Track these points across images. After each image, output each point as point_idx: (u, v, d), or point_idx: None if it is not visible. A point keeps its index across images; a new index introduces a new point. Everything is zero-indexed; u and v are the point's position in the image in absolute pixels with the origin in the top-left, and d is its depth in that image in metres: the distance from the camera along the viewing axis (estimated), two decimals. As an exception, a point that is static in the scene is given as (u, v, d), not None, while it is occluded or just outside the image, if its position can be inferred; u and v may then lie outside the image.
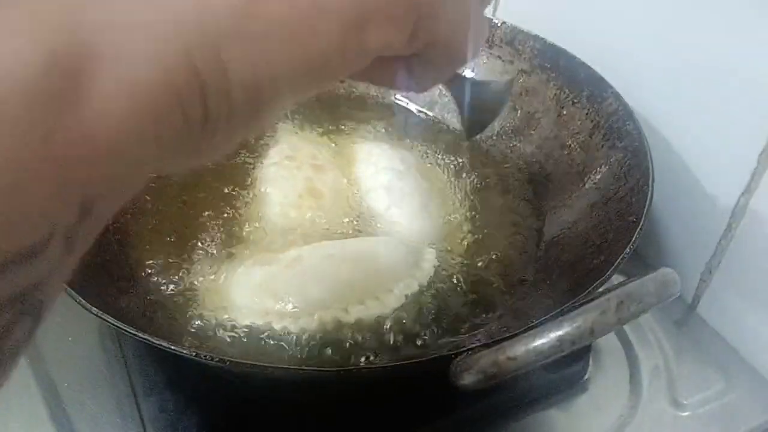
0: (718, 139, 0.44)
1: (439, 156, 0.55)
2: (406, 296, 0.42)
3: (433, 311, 0.42)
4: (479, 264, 0.46)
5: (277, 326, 0.40)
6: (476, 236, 0.48)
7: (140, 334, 0.32)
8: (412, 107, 0.60)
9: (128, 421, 0.39)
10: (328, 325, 0.40)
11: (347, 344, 0.40)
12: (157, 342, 0.32)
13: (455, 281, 0.45)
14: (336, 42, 0.20)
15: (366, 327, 0.40)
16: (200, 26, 0.18)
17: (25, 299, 0.17)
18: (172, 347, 0.32)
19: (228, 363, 0.32)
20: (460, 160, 0.55)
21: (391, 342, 0.40)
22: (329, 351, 0.39)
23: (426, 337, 0.41)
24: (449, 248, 0.47)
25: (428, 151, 0.55)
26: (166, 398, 0.39)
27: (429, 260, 0.45)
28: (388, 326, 0.41)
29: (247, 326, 0.40)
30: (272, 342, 0.40)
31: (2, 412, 0.40)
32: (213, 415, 0.39)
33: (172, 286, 0.43)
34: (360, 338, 0.40)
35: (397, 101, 0.61)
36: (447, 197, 0.51)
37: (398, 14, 0.21)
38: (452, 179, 0.53)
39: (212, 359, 0.32)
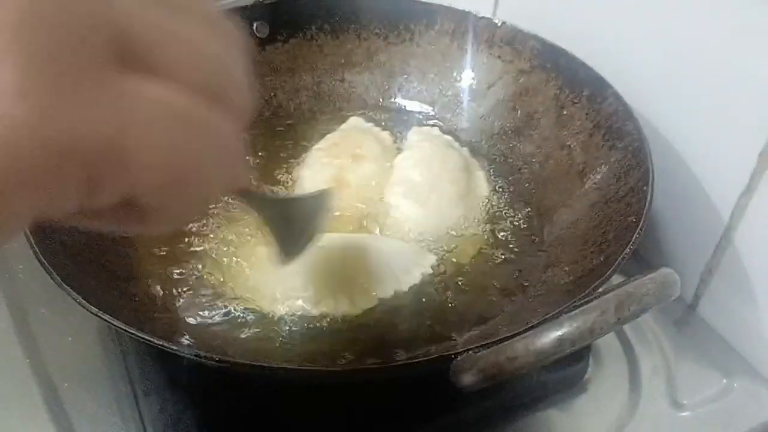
0: (718, 139, 0.44)
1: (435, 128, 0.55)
2: (379, 299, 0.43)
3: (425, 309, 0.43)
4: (478, 264, 0.46)
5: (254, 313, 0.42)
6: (475, 236, 0.48)
7: (140, 334, 0.32)
8: (412, 107, 0.60)
9: (128, 420, 0.39)
10: (296, 315, 0.42)
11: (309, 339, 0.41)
12: (157, 342, 0.32)
13: (453, 280, 0.45)
14: None
15: (333, 323, 0.42)
16: None
17: None
18: (172, 347, 0.32)
19: (228, 363, 0.32)
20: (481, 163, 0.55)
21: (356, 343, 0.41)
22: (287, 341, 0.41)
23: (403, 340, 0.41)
24: (448, 247, 0.47)
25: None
26: (166, 398, 0.39)
27: (423, 266, 0.45)
28: (355, 324, 0.42)
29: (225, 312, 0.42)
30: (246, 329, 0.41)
31: (2, 412, 0.40)
32: (213, 414, 0.39)
33: (172, 286, 0.43)
34: (324, 335, 0.41)
35: (395, 102, 0.61)
36: (458, 199, 0.50)
37: (49, 175, 0.15)
38: (467, 181, 0.53)
39: (212, 359, 0.32)
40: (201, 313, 0.42)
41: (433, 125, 0.58)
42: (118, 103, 0.15)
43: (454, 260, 0.46)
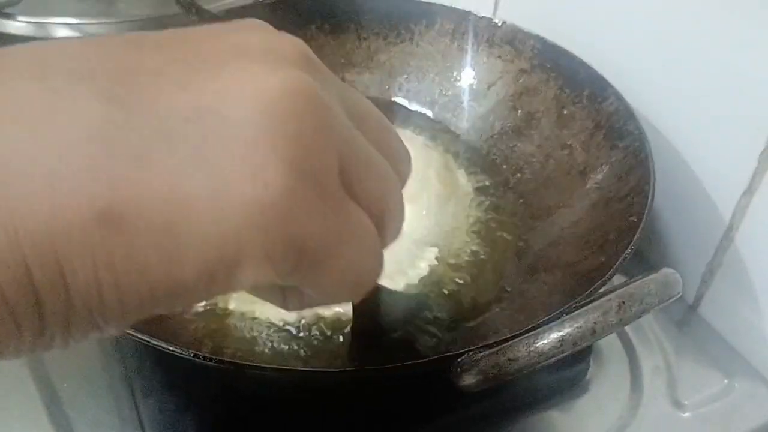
0: (720, 139, 0.44)
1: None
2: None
3: (423, 311, 0.42)
4: (479, 264, 0.46)
5: (261, 315, 0.41)
6: (476, 236, 0.48)
7: (139, 335, 0.32)
8: (412, 107, 0.60)
9: (127, 422, 0.39)
10: (308, 318, 0.41)
11: (319, 342, 0.41)
12: (156, 343, 0.32)
13: (452, 281, 0.45)
14: (202, 275, 0.18)
15: (344, 324, 0.41)
16: (44, 229, 0.15)
17: None
18: (171, 348, 0.32)
19: (227, 364, 0.32)
20: (460, 161, 0.55)
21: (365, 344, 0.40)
22: (303, 346, 0.40)
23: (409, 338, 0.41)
24: (447, 248, 0.47)
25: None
26: (165, 399, 0.39)
27: (427, 259, 0.45)
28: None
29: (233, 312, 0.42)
30: (257, 333, 0.41)
31: (1, 413, 0.40)
32: (212, 415, 0.39)
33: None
34: (333, 336, 0.41)
35: (395, 101, 0.60)
36: (447, 197, 0.50)
37: (278, 257, 0.18)
38: (451, 179, 0.53)
39: (211, 360, 0.32)
40: (200, 317, 0.42)
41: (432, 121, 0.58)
42: (340, 220, 0.20)
43: (449, 258, 0.46)
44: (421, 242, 0.47)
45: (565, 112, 0.52)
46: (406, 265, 0.45)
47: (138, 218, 0.16)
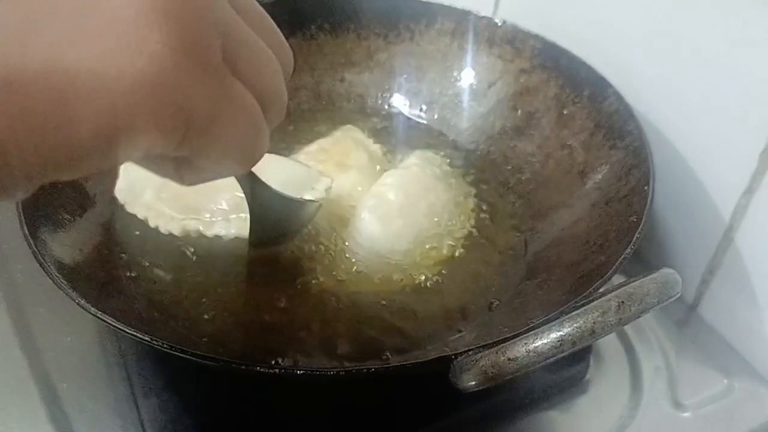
0: (719, 139, 0.44)
1: (439, 157, 0.55)
2: None
3: (422, 309, 0.42)
4: (478, 264, 0.46)
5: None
6: (476, 236, 0.48)
7: (139, 335, 0.32)
8: (412, 107, 0.60)
9: (127, 422, 0.39)
10: (192, 233, 0.44)
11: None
12: (156, 342, 0.32)
13: (452, 279, 0.45)
14: (99, 140, 0.19)
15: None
16: None
17: None
18: (171, 348, 0.32)
19: (226, 365, 0.32)
20: (459, 161, 0.55)
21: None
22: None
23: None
24: (447, 247, 0.47)
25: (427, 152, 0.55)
26: (165, 399, 0.39)
27: (317, 190, 0.45)
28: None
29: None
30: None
31: (1, 413, 0.40)
32: (212, 415, 0.39)
33: (170, 286, 0.43)
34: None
35: (395, 101, 0.60)
36: (446, 196, 0.50)
37: (167, 125, 0.20)
38: (452, 179, 0.53)
39: (210, 360, 0.32)
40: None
41: (435, 136, 0.58)
42: (224, 92, 0.22)
43: (448, 259, 0.46)
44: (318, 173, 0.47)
45: (565, 111, 0.52)
46: (293, 192, 0.43)
47: (29, 85, 0.17)
